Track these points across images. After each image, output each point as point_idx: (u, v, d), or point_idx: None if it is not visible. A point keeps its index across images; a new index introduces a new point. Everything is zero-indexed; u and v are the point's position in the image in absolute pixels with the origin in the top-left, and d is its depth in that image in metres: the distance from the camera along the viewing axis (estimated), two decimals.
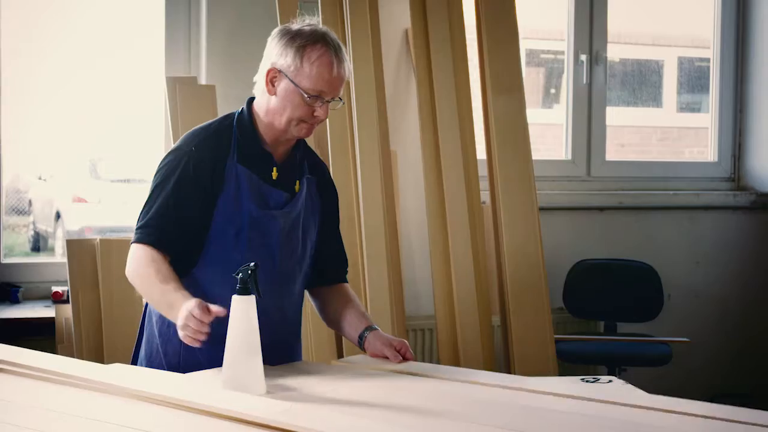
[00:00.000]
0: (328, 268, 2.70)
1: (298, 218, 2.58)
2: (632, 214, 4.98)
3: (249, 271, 2.17)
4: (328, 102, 2.49)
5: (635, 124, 5.50)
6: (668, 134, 5.64)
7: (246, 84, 4.26)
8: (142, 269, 2.44)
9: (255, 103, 2.58)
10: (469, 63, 4.18)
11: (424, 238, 4.25)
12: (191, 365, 2.49)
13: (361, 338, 2.60)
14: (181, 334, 2.27)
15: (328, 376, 2.41)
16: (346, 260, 2.77)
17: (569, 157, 4.98)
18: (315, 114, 2.48)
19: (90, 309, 3.67)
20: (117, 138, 4.64)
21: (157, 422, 1.93)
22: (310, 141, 4.02)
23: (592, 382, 2.44)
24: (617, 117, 5.12)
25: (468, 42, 4.19)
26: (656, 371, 4.39)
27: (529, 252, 3.99)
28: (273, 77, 2.50)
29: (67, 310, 3.72)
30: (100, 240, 3.73)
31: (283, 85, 2.48)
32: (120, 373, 2.30)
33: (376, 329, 2.61)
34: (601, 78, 4.97)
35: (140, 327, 2.69)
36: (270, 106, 2.51)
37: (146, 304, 2.67)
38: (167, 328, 2.56)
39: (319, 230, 2.66)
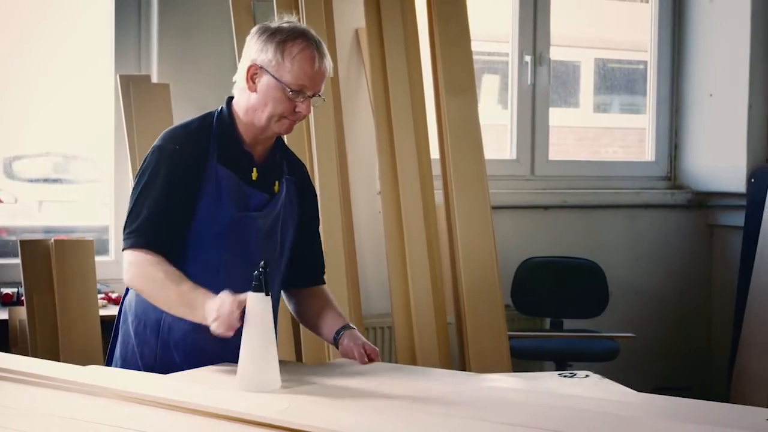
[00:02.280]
0: (307, 269, 2.70)
1: (277, 219, 2.58)
2: (576, 212, 5.08)
3: (261, 269, 2.18)
4: (310, 97, 2.48)
5: (561, 125, 5.62)
6: (585, 134, 5.76)
7: (198, 83, 4.29)
8: (148, 273, 2.40)
9: (234, 102, 2.57)
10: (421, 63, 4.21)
11: (374, 238, 4.28)
12: (167, 366, 2.48)
13: (337, 336, 2.62)
14: (213, 326, 2.27)
15: (323, 374, 2.43)
16: (324, 262, 2.77)
17: (514, 156, 5.05)
18: (297, 110, 2.48)
19: (45, 311, 3.61)
20: (45, 136, 4.56)
21: (156, 424, 1.93)
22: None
23: (570, 377, 2.50)
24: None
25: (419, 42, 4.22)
26: (603, 366, 4.48)
27: (482, 250, 4.04)
28: (253, 74, 2.48)
29: (21, 312, 3.66)
30: (55, 241, 3.67)
31: (264, 80, 2.47)
32: (109, 375, 2.28)
33: (352, 329, 2.63)
34: (545, 79, 5.06)
35: (114, 328, 2.66)
36: (250, 103, 2.50)
37: (121, 304, 2.65)
38: (143, 328, 2.54)
39: (297, 231, 2.66)
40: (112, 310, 4.00)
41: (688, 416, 2.02)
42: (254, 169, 2.54)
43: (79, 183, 4.78)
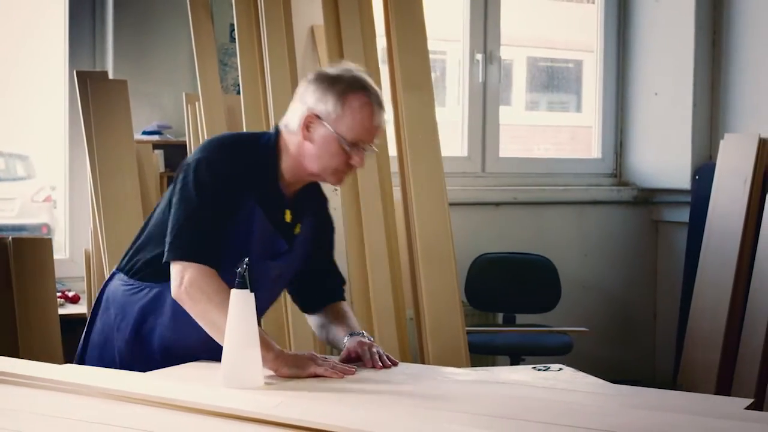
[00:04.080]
0: (322, 290, 2.68)
1: (289, 266, 2.56)
2: (526, 209, 5.15)
3: (245, 266, 2.18)
4: (364, 150, 2.44)
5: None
6: (517, 132, 5.84)
7: (154, 79, 4.26)
8: (208, 288, 2.32)
9: (284, 137, 2.48)
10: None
11: None
12: (144, 364, 2.45)
13: (346, 339, 2.56)
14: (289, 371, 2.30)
15: None
16: (342, 279, 2.75)
17: (465, 153, 5.10)
18: (351, 162, 2.43)
19: (3, 309, 3.57)
20: None
21: (154, 422, 1.92)
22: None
23: (543, 370, 2.55)
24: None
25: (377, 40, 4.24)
26: (557, 360, 4.55)
27: (440, 246, 4.07)
28: (310, 123, 2.42)
29: None
30: (13, 239, 3.63)
31: (320, 131, 2.41)
32: (92, 374, 2.27)
33: (355, 335, 2.56)
34: (495, 77, 5.12)
35: (91, 315, 2.61)
36: (304, 150, 2.44)
37: (101, 292, 2.59)
38: (126, 325, 2.50)
39: (311, 259, 2.62)
40: (70, 309, 3.98)
41: (671, 407, 2.08)
42: (287, 212, 2.49)
43: (7, 181, 4.73)
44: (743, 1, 5.09)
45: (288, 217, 2.49)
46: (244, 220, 2.41)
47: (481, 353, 4.53)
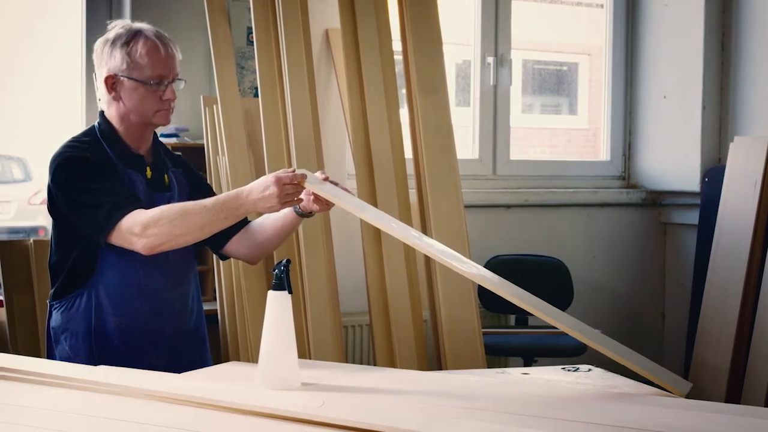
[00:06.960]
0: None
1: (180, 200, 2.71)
2: (537, 211, 5.17)
3: (282, 267, 2.20)
4: (171, 83, 2.66)
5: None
6: (514, 134, 5.88)
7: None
8: (163, 215, 2.47)
9: (108, 114, 2.69)
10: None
11: (345, 238, 4.31)
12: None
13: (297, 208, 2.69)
14: (275, 196, 2.44)
15: (338, 372, 2.47)
16: None
17: (476, 156, 5.13)
18: (164, 98, 2.64)
19: (25, 311, 3.59)
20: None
21: (198, 422, 1.94)
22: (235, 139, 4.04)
23: (573, 371, 2.57)
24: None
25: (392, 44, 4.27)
26: (570, 362, 4.58)
27: (456, 248, 4.08)
28: (113, 83, 2.63)
29: (1, 313, 3.62)
30: (34, 241, 3.65)
31: (125, 86, 2.62)
32: (131, 375, 2.29)
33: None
34: (506, 80, 5.14)
35: (48, 355, 2.70)
36: (122, 111, 2.64)
37: (48, 330, 2.68)
38: (76, 340, 2.61)
39: (195, 193, 2.76)
40: None
41: (705, 407, 2.10)
42: (147, 168, 2.68)
43: (3, 183, 4.74)
44: (752, 3, 5.12)
45: (149, 173, 2.68)
46: (126, 182, 2.60)
47: (495, 354, 4.55)
